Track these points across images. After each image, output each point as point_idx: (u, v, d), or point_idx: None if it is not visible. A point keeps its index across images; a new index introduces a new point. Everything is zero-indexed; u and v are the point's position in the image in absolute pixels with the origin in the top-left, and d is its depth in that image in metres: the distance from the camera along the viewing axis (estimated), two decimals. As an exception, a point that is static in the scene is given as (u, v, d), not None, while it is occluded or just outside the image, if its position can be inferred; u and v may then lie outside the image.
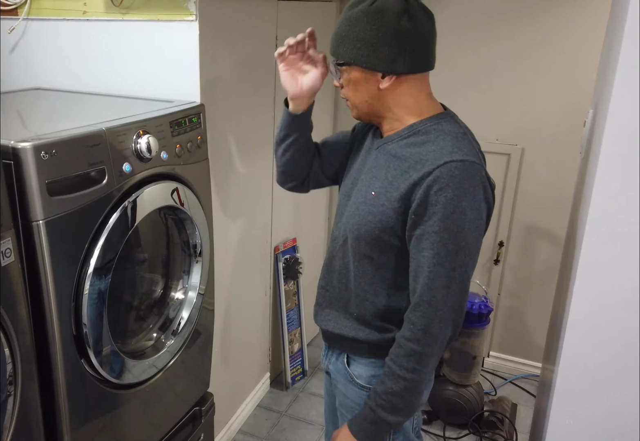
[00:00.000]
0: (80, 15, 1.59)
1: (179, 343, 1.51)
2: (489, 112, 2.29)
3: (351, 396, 1.23)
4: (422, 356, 1.04)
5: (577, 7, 2.07)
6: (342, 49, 1.06)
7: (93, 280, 1.15)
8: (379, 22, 1.00)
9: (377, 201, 1.07)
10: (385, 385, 1.07)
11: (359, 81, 1.08)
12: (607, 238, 0.88)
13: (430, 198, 0.99)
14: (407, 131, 1.09)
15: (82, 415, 1.22)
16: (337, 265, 1.20)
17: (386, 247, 1.09)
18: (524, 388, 2.45)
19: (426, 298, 1.02)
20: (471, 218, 1.00)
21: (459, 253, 1.00)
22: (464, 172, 0.99)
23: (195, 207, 1.46)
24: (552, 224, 2.32)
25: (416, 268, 1.03)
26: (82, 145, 1.10)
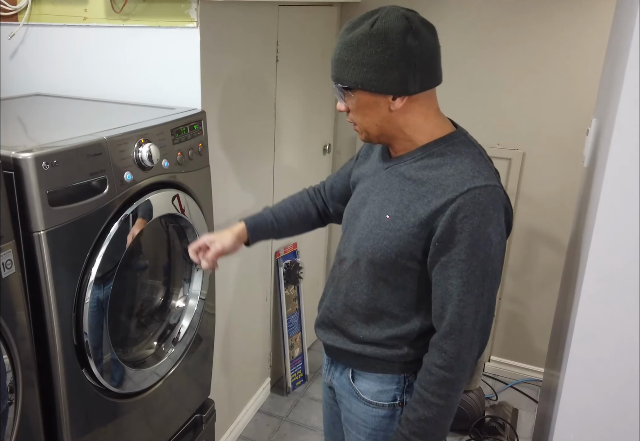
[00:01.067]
0: (81, 21, 1.59)
1: (181, 350, 1.50)
2: (490, 117, 2.29)
3: (356, 412, 1.22)
4: (454, 383, 1.04)
5: (581, 13, 2.07)
6: (346, 74, 1.01)
7: (94, 289, 1.14)
8: (383, 44, 0.96)
9: (393, 225, 1.05)
10: (417, 412, 1.06)
11: (368, 105, 1.03)
12: (614, 247, 0.87)
13: (456, 226, 0.98)
14: (420, 153, 1.06)
15: (83, 424, 1.22)
16: (343, 287, 1.17)
17: (403, 270, 1.07)
18: (525, 393, 2.45)
19: (457, 326, 1.01)
20: (496, 242, 1.00)
21: (486, 279, 1.00)
22: (487, 197, 0.98)
23: (197, 214, 1.46)
24: (553, 229, 2.32)
25: (443, 295, 1.02)
26: (83, 155, 1.10)
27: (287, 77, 2.04)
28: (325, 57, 2.30)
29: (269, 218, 1.34)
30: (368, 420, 1.20)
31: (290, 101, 2.11)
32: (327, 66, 2.13)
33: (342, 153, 2.63)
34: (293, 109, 2.15)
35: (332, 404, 1.35)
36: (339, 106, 1.09)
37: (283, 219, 1.35)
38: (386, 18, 0.97)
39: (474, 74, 2.27)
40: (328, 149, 2.52)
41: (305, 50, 2.16)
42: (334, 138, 2.60)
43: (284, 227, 1.35)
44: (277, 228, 1.34)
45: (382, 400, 1.18)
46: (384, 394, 1.17)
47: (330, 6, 2.31)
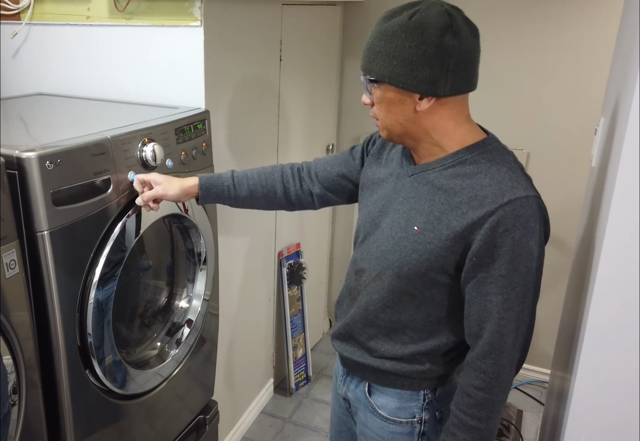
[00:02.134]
0: (84, 20, 1.58)
1: (184, 351, 1.49)
2: (494, 115, 2.28)
3: (372, 427, 1.16)
4: (494, 404, 0.99)
5: (587, 12, 2.05)
6: (375, 65, 0.95)
7: (98, 289, 1.14)
8: (419, 39, 0.90)
9: (423, 238, 0.99)
10: (456, 436, 1.01)
11: (393, 102, 0.96)
12: (627, 249, 0.86)
13: (496, 240, 0.92)
14: (451, 160, 0.99)
15: (86, 425, 1.21)
16: (363, 300, 1.10)
17: (432, 284, 1.02)
18: (529, 394, 2.43)
19: (497, 345, 0.96)
20: (537, 256, 0.95)
21: (527, 295, 0.95)
22: (528, 209, 0.93)
23: (200, 214, 1.45)
24: (558, 229, 2.29)
25: (480, 312, 0.97)
26: (87, 154, 1.09)
27: (291, 76, 2.03)
28: (328, 56, 2.29)
29: (227, 182, 1.22)
30: (385, 435, 1.15)
31: (294, 100, 2.10)
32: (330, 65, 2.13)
33: (345, 153, 2.61)
34: (296, 108, 2.14)
35: (342, 414, 1.30)
36: (364, 99, 1.02)
37: (243, 187, 1.23)
38: (427, 11, 0.91)
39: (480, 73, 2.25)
40: (331, 149, 2.52)
41: (309, 50, 2.15)
42: (337, 138, 2.59)
43: (242, 196, 1.23)
44: (235, 195, 1.23)
45: (400, 417, 1.13)
46: (403, 411, 1.12)
47: (333, 5, 2.30)
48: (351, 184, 1.22)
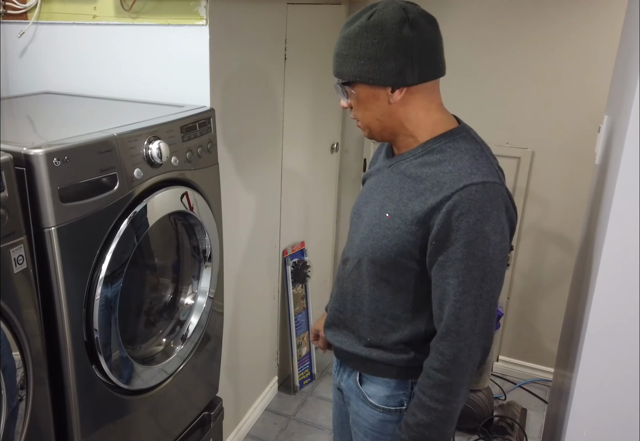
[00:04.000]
0: (91, 20, 1.59)
1: (189, 348, 1.50)
2: (499, 115, 2.28)
3: (364, 416, 1.20)
4: (452, 387, 1.00)
5: (590, 11, 2.05)
6: (345, 68, 1.01)
7: (104, 286, 1.15)
8: (380, 35, 0.96)
9: (392, 224, 1.03)
10: (416, 416, 1.04)
11: (368, 99, 1.03)
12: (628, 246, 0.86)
13: (452, 224, 0.95)
14: (421, 150, 1.05)
15: (92, 420, 1.22)
16: (350, 287, 1.16)
17: (404, 270, 1.05)
18: (533, 392, 2.43)
19: (453, 327, 0.98)
20: (495, 242, 0.96)
21: (485, 280, 0.97)
22: (485, 195, 0.95)
23: (205, 211, 1.46)
24: (563, 228, 2.30)
25: (441, 296, 1.00)
26: (93, 152, 1.10)
27: (295, 75, 2.04)
28: (333, 55, 2.30)
29: None
30: (375, 423, 1.18)
31: (298, 99, 2.11)
32: (335, 64, 2.09)
33: (350, 152, 2.62)
34: (301, 107, 2.15)
35: (342, 405, 1.34)
36: (342, 103, 1.09)
37: None
38: (383, 10, 0.98)
39: (483, 73, 2.26)
40: (336, 148, 2.52)
41: (314, 49, 2.16)
42: (342, 137, 2.59)
43: None
44: None
45: (389, 405, 1.16)
46: (391, 399, 1.15)
47: (338, 4, 2.31)
48: None
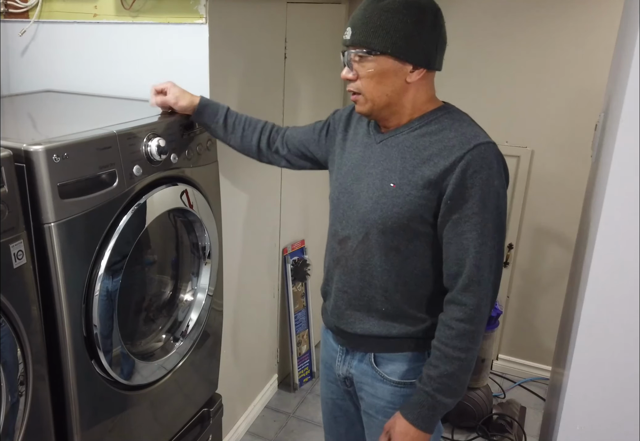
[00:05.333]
0: (91, 18, 1.61)
1: (188, 345, 1.51)
2: (499, 114, 2.28)
3: (383, 396, 1.21)
4: (474, 335, 1.07)
5: (589, 9, 2.06)
6: (375, 38, 1.03)
7: (103, 281, 1.16)
8: (417, 16, 1.03)
9: (401, 192, 1.08)
10: (439, 368, 1.08)
11: (387, 73, 1.06)
12: (619, 243, 0.87)
13: (467, 181, 1.02)
14: (417, 123, 1.11)
15: (92, 415, 1.23)
16: (355, 264, 1.17)
17: (414, 236, 1.10)
18: (533, 391, 2.44)
19: (475, 278, 1.04)
20: (502, 195, 1.05)
21: (497, 231, 1.05)
22: (491, 153, 1.03)
23: (205, 209, 1.47)
24: (562, 227, 2.30)
25: (458, 251, 1.05)
26: (93, 148, 1.11)
27: (295, 74, 2.05)
28: (333, 54, 2.30)
29: (219, 113, 1.38)
30: (396, 400, 1.20)
31: (299, 97, 2.12)
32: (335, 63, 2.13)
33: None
34: (301, 105, 2.15)
35: (337, 399, 1.35)
36: (346, 74, 1.10)
37: (230, 121, 1.38)
38: None
39: (483, 72, 2.26)
40: (336, 147, 2.52)
41: (314, 48, 2.17)
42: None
43: (224, 129, 1.39)
44: (219, 126, 1.38)
45: (410, 378, 1.19)
46: (411, 372, 1.18)
47: (338, 3, 2.31)
48: (308, 152, 1.36)
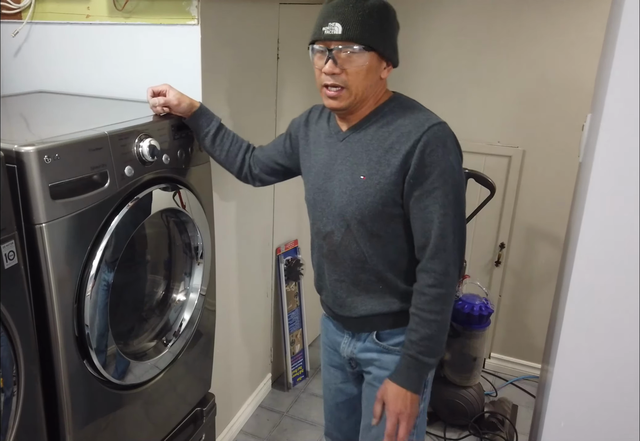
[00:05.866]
0: (84, 19, 1.61)
1: (181, 344, 1.52)
2: (490, 115, 2.30)
3: (387, 366, 1.28)
4: (446, 297, 1.17)
5: (579, 10, 2.07)
6: (369, 35, 1.10)
7: (95, 282, 1.16)
8: (392, 17, 1.14)
9: (371, 182, 1.16)
10: (419, 332, 1.17)
11: (372, 69, 1.13)
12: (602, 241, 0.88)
13: (426, 160, 1.11)
14: (373, 116, 1.20)
15: (84, 415, 1.24)
16: (344, 255, 1.25)
17: (389, 219, 1.19)
18: (524, 389, 2.45)
19: (441, 246, 1.14)
20: (457, 169, 1.15)
21: (456, 202, 1.14)
22: (444, 132, 1.13)
23: (197, 209, 1.47)
24: (553, 226, 2.32)
25: (424, 224, 1.15)
26: (84, 149, 1.12)
27: (288, 75, 2.06)
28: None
29: (213, 124, 1.42)
30: None
31: (292, 98, 2.13)
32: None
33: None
34: (294, 106, 2.16)
35: (340, 383, 1.43)
36: (332, 68, 1.13)
37: (219, 136, 1.43)
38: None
39: (475, 72, 2.28)
40: (329, 147, 2.53)
41: (307, 48, 2.17)
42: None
43: (212, 140, 1.43)
44: (209, 136, 1.42)
45: None
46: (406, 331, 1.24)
47: (331, 4, 2.32)
48: (278, 165, 1.44)
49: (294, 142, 1.39)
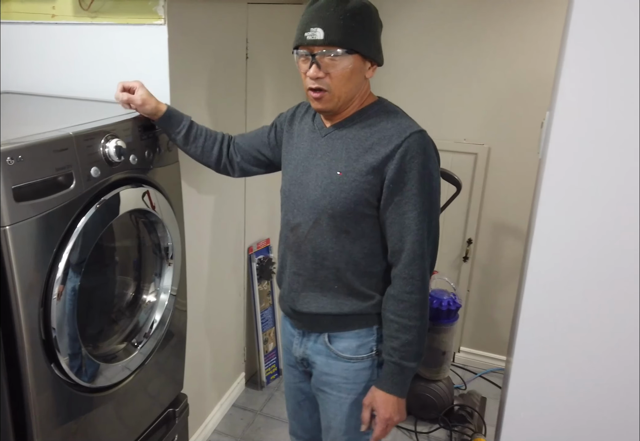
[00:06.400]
0: (49, 19, 1.59)
1: (152, 345, 1.51)
2: (457, 113, 2.35)
3: (336, 372, 1.30)
4: (423, 302, 1.18)
5: (538, 10, 2.13)
6: (351, 38, 1.11)
7: (62, 285, 1.15)
8: (374, 16, 1.15)
9: (346, 179, 1.18)
10: (400, 339, 1.19)
11: (355, 70, 1.15)
12: (556, 234, 0.92)
13: (405, 166, 1.13)
14: (357, 116, 1.22)
15: (53, 419, 1.22)
16: (308, 248, 1.26)
17: (361, 218, 1.20)
18: (493, 382, 2.52)
19: (419, 252, 1.16)
20: (435, 177, 1.17)
21: (432, 209, 1.17)
22: (424, 140, 1.15)
23: (166, 209, 1.47)
24: (518, 222, 2.39)
25: (401, 229, 1.16)
26: (49, 150, 1.10)
27: (258, 74, 2.07)
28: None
29: (183, 124, 1.42)
30: (349, 376, 1.29)
31: (261, 97, 2.13)
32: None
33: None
34: (264, 105, 2.17)
35: (299, 382, 1.43)
36: (316, 73, 1.14)
37: (191, 135, 1.43)
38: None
39: (441, 72, 2.32)
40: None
41: (275, 48, 2.18)
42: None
43: (184, 140, 1.43)
44: (180, 136, 1.42)
45: (361, 354, 1.27)
46: (362, 348, 1.27)
47: (299, 4, 2.33)
48: (261, 155, 1.44)
49: (278, 134, 1.40)
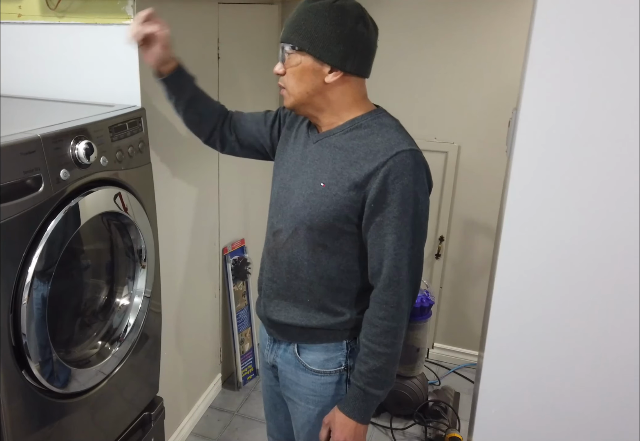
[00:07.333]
0: (16, 18, 1.55)
1: (126, 348, 1.50)
2: (427, 112, 2.38)
3: (304, 384, 1.28)
4: (397, 331, 1.14)
5: (504, 10, 2.17)
6: (298, 36, 1.11)
7: (32, 289, 1.13)
8: (338, 20, 1.08)
9: (329, 191, 1.14)
10: (368, 364, 1.15)
11: (306, 70, 1.12)
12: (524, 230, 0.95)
13: (388, 186, 1.08)
14: (349, 125, 1.17)
15: (26, 426, 1.20)
16: (285, 256, 1.23)
17: (339, 234, 1.16)
18: (466, 377, 2.56)
19: (395, 278, 1.11)
20: (422, 200, 1.12)
21: (416, 233, 1.12)
22: (412, 160, 1.09)
23: (139, 212, 1.46)
24: (489, 219, 2.43)
25: (380, 252, 1.12)
26: (16, 153, 1.08)
27: (230, 74, 2.06)
28: (268, 54, 2.32)
29: (192, 82, 1.39)
30: (317, 388, 1.27)
31: (234, 97, 2.13)
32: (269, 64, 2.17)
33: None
34: (236, 105, 2.15)
35: (273, 385, 1.41)
36: (277, 68, 1.16)
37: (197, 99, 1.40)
38: (346, 1, 1.11)
39: (411, 70, 2.35)
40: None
41: (247, 48, 2.18)
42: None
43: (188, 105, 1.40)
44: (186, 98, 1.38)
45: (329, 368, 1.25)
46: (330, 362, 1.25)
47: (271, 4, 2.33)
48: (258, 144, 1.41)
49: (281, 127, 1.36)
